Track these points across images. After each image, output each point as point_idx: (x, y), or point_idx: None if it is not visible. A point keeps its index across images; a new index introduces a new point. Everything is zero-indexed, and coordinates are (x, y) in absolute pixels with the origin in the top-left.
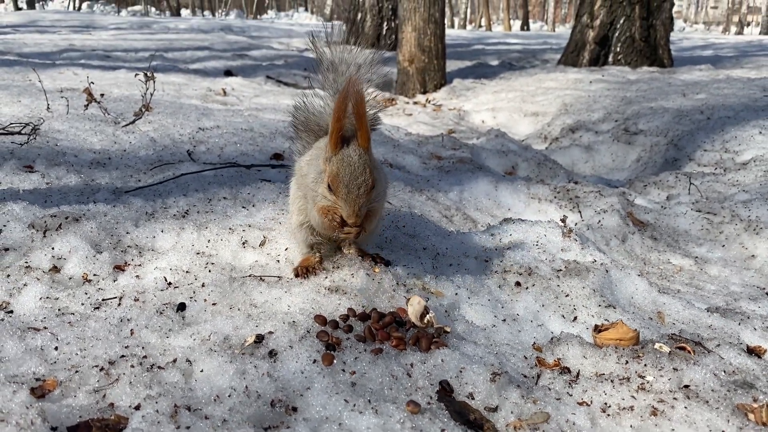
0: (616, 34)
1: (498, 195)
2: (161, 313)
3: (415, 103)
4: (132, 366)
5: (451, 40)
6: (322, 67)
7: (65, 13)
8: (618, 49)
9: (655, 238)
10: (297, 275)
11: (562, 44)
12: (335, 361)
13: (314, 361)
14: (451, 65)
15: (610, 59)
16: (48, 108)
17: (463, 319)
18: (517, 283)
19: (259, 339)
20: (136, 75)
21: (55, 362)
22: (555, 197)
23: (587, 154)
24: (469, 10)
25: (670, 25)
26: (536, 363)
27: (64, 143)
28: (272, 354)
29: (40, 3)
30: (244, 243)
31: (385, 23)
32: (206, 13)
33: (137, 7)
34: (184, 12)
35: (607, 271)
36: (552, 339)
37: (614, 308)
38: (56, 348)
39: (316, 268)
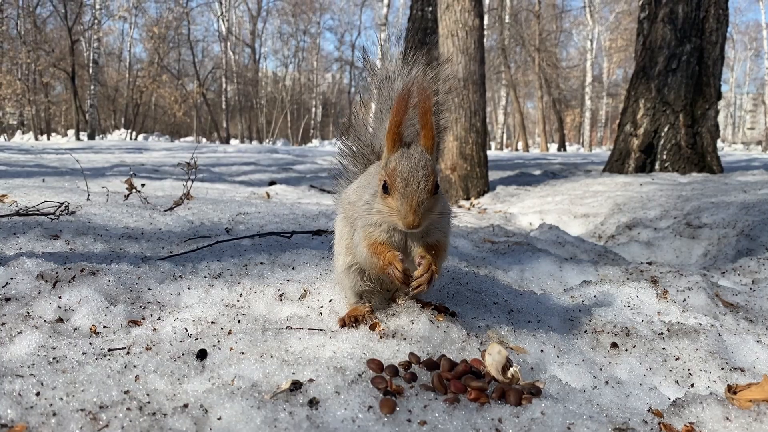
0: (662, 142)
1: (563, 275)
2: (176, 359)
3: (459, 206)
4: (128, 409)
5: (490, 157)
6: (374, 80)
7: (120, 141)
8: (664, 157)
9: (751, 320)
10: (343, 325)
11: (602, 160)
12: (398, 409)
13: (369, 408)
14: (493, 175)
15: (657, 166)
16: (88, 198)
17: (555, 379)
18: (614, 345)
19: (296, 386)
20: (178, 164)
21: (31, 407)
22: (628, 278)
23: (648, 250)
24: (505, 135)
25: (716, 132)
26: (660, 428)
27: (96, 221)
28: (313, 402)
29: (100, 136)
30: (281, 296)
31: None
32: (254, 142)
33: (189, 138)
34: (234, 141)
35: (719, 334)
36: (675, 402)
37: (743, 371)
38: (37, 393)
39: (366, 318)
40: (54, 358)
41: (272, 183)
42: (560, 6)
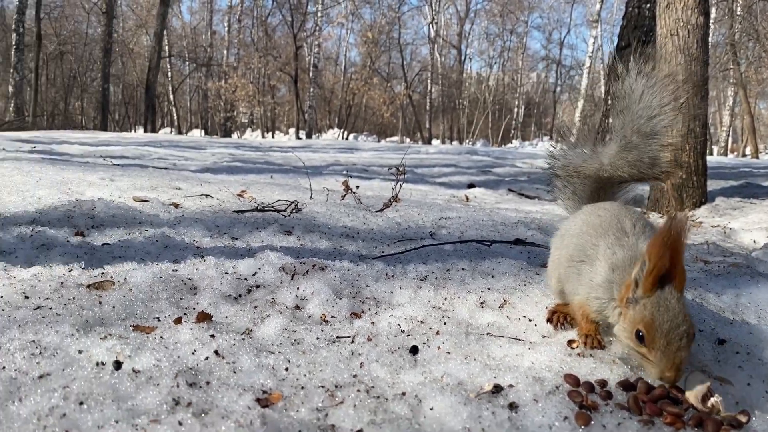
0: None
1: None
2: (393, 352)
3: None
4: (358, 391)
5: (710, 164)
6: (614, 103)
7: (333, 140)
8: None
9: None
10: (549, 321)
11: None
12: (592, 423)
13: (565, 418)
14: (713, 184)
15: None
16: (311, 197)
17: (762, 417)
18: None
19: (497, 389)
20: (389, 169)
21: (283, 379)
22: None
23: None
24: (730, 139)
25: None
26: None
27: (320, 219)
28: (513, 406)
29: (316, 135)
30: (482, 303)
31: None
32: (454, 142)
33: (394, 138)
34: (435, 141)
35: None
36: None
37: None
38: (286, 369)
39: (600, 340)
40: (295, 340)
41: (471, 186)
42: None
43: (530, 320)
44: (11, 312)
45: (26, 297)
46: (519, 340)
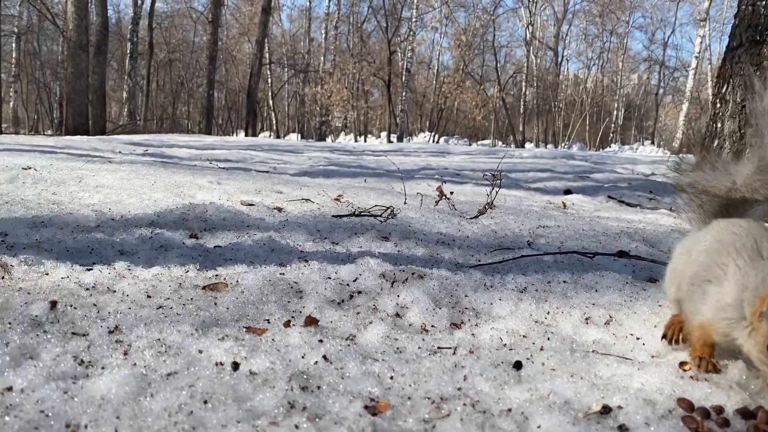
0: None
1: None
2: (496, 366)
3: None
4: (464, 405)
5: None
6: (751, 120)
7: (424, 143)
8: None
9: None
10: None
11: None
12: None
13: None
14: None
15: None
16: (405, 202)
17: None
18: None
19: (606, 410)
20: (485, 175)
21: (389, 388)
22: None
23: None
24: None
25: None
26: None
27: (415, 225)
28: (623, 428)
29: (407, 139)
30: (586, 319)
31: (748, 150)
32: (549, 146)
33: (486, 141)
34: (528, 144)
35: None
36: None
37: None
38: (391, 377)
39: (716, 363)
40: (398, 348)
41: (568, 192)
42: None
43: (638, 339)
44: (137, 310)
45: (148, 296)
46: (627, 359)
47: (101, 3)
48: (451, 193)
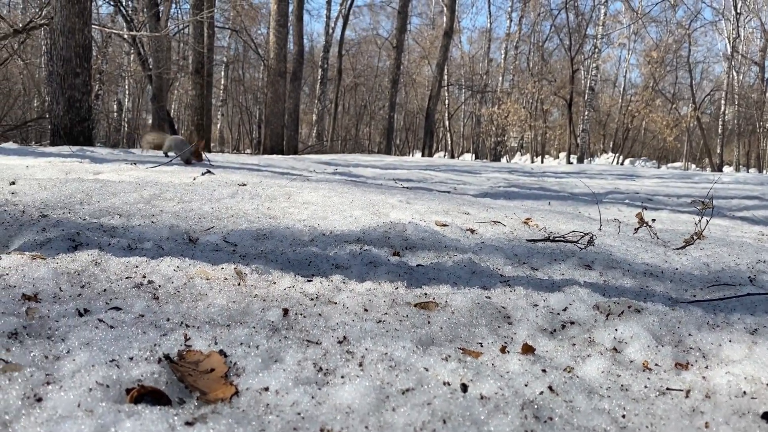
0: None
1: None
2: (740, 415)
3: None
4: None
5: None
6: None
7: (608, 165)
8: None
9: None
10: None
11: None
12: None
13: None
14: None
15: None
16: (600, 228)
17: None
18: None
19: None
20: (692, 202)
21: (624, 427)
22: None
23: None
24: None
25: None
26: None
27: (616, 253)
28: None
29: (588, 160)
30: None
31: None
32: (752, 170)
33: (677, 164)
34: (727, 168)
35: None
36: None
37: None
38: (623, 416)
39: None
40: (622, 386)
41: None
42: None
43: None
44: (360, 323)
45: (365, 309)
46: None
47: (298, 33)
48: (653, 220)
